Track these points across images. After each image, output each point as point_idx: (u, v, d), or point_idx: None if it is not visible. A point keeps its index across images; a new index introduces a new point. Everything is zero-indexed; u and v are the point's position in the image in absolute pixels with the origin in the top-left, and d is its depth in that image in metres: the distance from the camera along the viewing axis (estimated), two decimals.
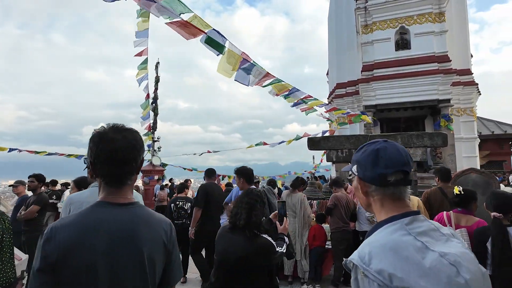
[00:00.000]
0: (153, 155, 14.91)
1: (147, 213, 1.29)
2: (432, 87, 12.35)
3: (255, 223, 2.37)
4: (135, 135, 1.28)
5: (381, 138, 1.29)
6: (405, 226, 1.09)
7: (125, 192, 1.27)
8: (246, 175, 4.43)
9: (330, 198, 5.52)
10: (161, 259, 1.26)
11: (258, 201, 2.47)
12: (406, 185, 1.18)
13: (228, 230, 2.45)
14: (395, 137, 8.77)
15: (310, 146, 9.48)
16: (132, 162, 1.25)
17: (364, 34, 13.53)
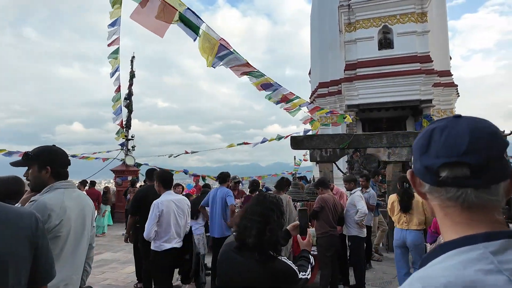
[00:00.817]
0: (126, 155, 14.03)
1: (4, 208, 1.17)
2: (414, 87, 12.29)
3: (270, 242, 1.74)
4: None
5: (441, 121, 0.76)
6: (490, 256, 0.60)
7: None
8: (161, 179, 3.78)
9: (316, 200, 5.07)
10: (24, 257, 1.15)
11: (275, 210, 1.81)
12: (478, 186, 0.67)
13: (234, 250, 1.82)
14: (380, 136, 8.49)
15: (293, 145, 9.05)
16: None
17: (347, 32, 13.33)
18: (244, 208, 1.92)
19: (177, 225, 3.70)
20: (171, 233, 3.61)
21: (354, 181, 5.40)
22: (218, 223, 5.18)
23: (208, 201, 5.38)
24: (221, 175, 5.51)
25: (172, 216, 3.63)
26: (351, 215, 5.18)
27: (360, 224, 5.12)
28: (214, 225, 5.23)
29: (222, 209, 5.22)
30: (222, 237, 5.19)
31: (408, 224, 4.43)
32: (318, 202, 5.01)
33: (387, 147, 8.27)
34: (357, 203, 5.08)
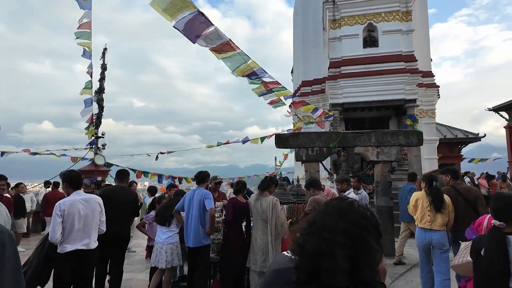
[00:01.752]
0: (96, 154, 12.95)
1: None
2: (399, 87, 12.08)
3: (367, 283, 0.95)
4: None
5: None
6: None
7: None
8: (68, 179, 3.65)
9: (309, 202, 4.49)
10: None
11: (369, 229, 1.03)
12: None
13: (292, 285, 1.00)
14: (369, 134, 8.07)
15: (278, 144, 8.47)
16: None
17: (332, 29, 12.97)
18: (310, 219, 1.13)
19: (86, 225, 3.54)
20: (73, 234, 3.44)
21: (347, 182, 4.88)
22: (194, 231, 4.48)
23: (183, 204, 4.68)
24: (200, 175, 4.82)
25: (77, 216, 3.48)
26: None
27: None
28: (189, 233, 4.52)
29: (199, 213, 4.54)
30: (199, 247, 4.50)
31: (431, 224, 4.28)
32: (311, 204, 4.44)
33: (376, 146, 7.88)
34: None
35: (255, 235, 4.48)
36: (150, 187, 9.15)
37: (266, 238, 4.39)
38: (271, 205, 4.41)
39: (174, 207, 4.70)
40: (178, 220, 4.79)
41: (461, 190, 4.50)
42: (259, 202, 4.49)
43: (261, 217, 4.45)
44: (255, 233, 4.49)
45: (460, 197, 4.41)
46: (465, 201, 4.37)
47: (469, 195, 4.43)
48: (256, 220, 4.49)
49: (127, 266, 6.43)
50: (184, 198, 4.73)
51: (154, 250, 4.76)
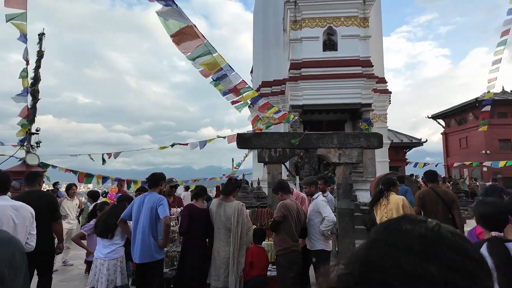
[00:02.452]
0: (28, 152, 11.27)
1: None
2: (355, 91, 12.32)
3: None
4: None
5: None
6: None
7: None
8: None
9: (278, 208, 4.05)
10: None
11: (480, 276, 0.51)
12: None
13: None
14: (332, 136, 7.93)
15: (240, 144, 7.97)
16: None
17: (293, 30, 12.86)
18: (360, 254, 0.59)
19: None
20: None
21: (315, 184, 4.54)
22: (143, 243, 3.79)
23: (130, 212, 3.95)
24: (153, 177, 4.13)
25: (6, 226, 2.90)
26: (316, 224, 4.28)
27: (327, 235, 4.26)
28: (137, 246, 3.81)
29: (151, 222, 3.86)
30: (150, 263, 3.82)
31: None
32: (280, 210, 4.00)
33: (338, 148, 7.76)
34: (322, 209, 4.20)
35: (217, 247, 3.92)
36: (90, 191, 8.02)
37: (228, 250, 3.85)
38: (237, 211, 3.89)
39: (118, 215, 3.96)
40: (123, 231, 4.04)
41: (440, 192, 4.64)
42: (222, 209, 3.94)
43: (224, 226, 3.90)
44: (217, 244, 3.93)
45: (439, 199, 4.54)
46: (443, 203, 4.52)
47: (446, 197, 4.58)
48: (219, 229, 3.94)
49: (61, 284, 5.44)
50: (132, 205, 4.01)
51: (93, 268, 3.96)
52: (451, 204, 4.52)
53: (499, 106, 24.07)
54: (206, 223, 4.08)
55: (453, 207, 4.50)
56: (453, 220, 4.44)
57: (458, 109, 27.08)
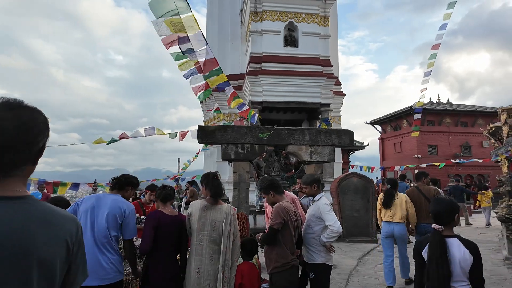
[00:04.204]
0: None
1: (43, 209, 0.98)
2: (315, 90, 12.05)
3: None
4: (34, 115, 0.97)
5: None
6: None
7: (12, 184, 0.95)
8: None
9: (275, 212, 3.14)
10: (61, 263, 0.99)
11: None
12: None
13: None
14: (303, 132, 7.28)
15: (201, 138, 6.85)
16: (23, 148, 0.93)
17: (253, 21, 12.12)
18: None
19: None
20: None
21: (317, 183, 3.75)
22: (93, 258, 2.59)
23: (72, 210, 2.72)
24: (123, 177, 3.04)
25: None
26: (316, 233, 3.48)
27: (329, 247, 3.49)
28: None
29: (106, 233, 2.68)
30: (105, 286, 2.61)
31: (393, 218, 5.10)
32: (279, 215, 3.10)
33: (310, 145, 7.17)
34: (326, 215, 3.42)
35: (196, 265, 2.86)
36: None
37: (217, 266, 2.84)
38: (229, 217, 2.89)
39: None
40: None
41: (423, 190, 5.30)
42: (209, 214, 2.90)
43: (209, 236, 2.87)
44: (196, 262, 2.87)
45: (422, 196, 5.20)
46: (425, 199, 5.12)
47: (429, 194, 5.20)
48: (200, 242, 2.89)
49: None
50: (76, 206, 2.80)
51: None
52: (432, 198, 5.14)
53: (428, 115, 26.53)
54: (179, 234, 3.01)
55: None
56: None
57: (393, 116, 29.22)
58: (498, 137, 7.97)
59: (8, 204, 0.91)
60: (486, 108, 29.17)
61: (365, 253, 8.02)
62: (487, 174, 26.45)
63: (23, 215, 0.92)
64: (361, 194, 10.20)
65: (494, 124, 7.78)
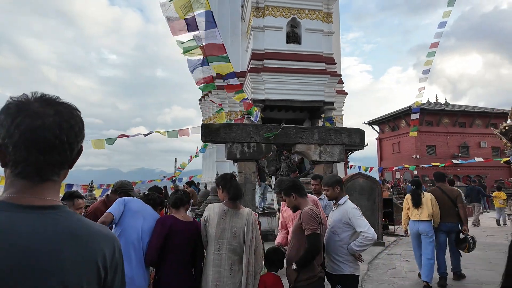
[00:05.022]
0: None
1: (76, 223, 0.85)
2: (319, 88, 11.74)
3: None
4: (74, 112, 0.88)
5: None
6: None
7: (45, 191, 0.83)
8: None
9: (306, 218, 2.77)
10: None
11: None
12: None
13: None
14: (312, 131, 6.96)
15: (205, 136, 6.48)
16: (64, 149, 0.83)
17: (255, 17, 11.76)
18: None
19: None
20: None
21: (340, 185, 3.40)
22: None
23: (121, 212, 2.57)
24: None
25: None
26: (343, 240, 3.13)
27: (358, 256, 3.15)
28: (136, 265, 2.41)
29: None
30: None
31: (420, 216, 5.21)
32: (312, 221, 2.75)
33: (319, 144, 6.84)
34: (357, 220, 3.07)
35: (214, 278, 2.50)
36: None
37: (238, 279, 2.48)
38: (251, 223, 2.54)
39: None
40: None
41: (445, 190, 5.39)
42: (229, 220, 2.54)
43: (229, 245, 2.51)
44: (215, 275, 2.51)
45: (445, 196, 5.30)
46: (448, 199, 5.26)
47: (451, 194, 5.31)
48: (219, 251, 2.52)
49: None
50: (127, 203, 2.71)
51: None
52: (455, 199, 5.24)
53: (427, 115, 26.43)
54: (195, 243, 2.64)
55: (457, 201, 5.21)
56: (459, 213, 5.20)
57: (392, 116, 29.10)
58: (510, 136, 7.73)
59: (35, 214, 0.79)
60: (483, 108, 29.23)
61: (373, 256, 7.71)
62: (485, 174, 26.44)
63: (50, 229, 0.80)
64: (367, 195, 9.90)
65: (507, 123, 7.53)
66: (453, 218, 5.14)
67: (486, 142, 27.72)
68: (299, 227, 2.86)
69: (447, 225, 5.18)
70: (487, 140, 27.72)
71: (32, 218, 0.78)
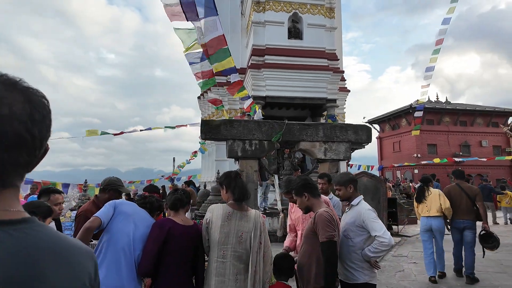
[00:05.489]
0: None
1: (53, 239, 0.68)
2: (321, 85, 11.45)
3: None
4: (44, 101, 0.70)
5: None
6: None
7: (9, 200, 0.66)
8: None
9: (322, 223, 2.48)
10: None
11: None
12: None
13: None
14: (317, 127, 6.66)
15: (205, 133, 6.18)
16: (35, 146, 0.67)
17: (255, 12, 11.46)
18: None
19: None
20: None
21: (354, 184, 3.12)
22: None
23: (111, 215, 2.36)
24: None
25: None
26: (356, 245, 2.84)
27: (374, 263, 2.86)
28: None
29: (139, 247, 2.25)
30: None
31: (429, 212, 5.32)
32: (330, 224, 2.46)
33: (324, 142, 6.56)
34: (372, 223, 2.78)
35: (217, 287, 2.22)
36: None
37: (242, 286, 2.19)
38: (259, 227, 2.25)
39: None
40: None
41: (464, 187, 5.37)
42: (234, 223, 2.25)
43: (234, 252, 2.22)
44: (217, 284, 2.22)
45: (463, 193, 5.28)
46: (467, 197, 5.24)
47: (470, 192, 5.28)
48: (223, 259, 2.23)
49: None
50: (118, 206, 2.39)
51: None
52: (474, 197, 5.23)
53: (428, 114, 26.20)
54: (196, 249, 2.35)
55: (476, 199, 5.22)
56: (477, 211, 5.18)
57: (392, 115, 28.87)
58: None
59: (6, 231, 0.62)
60: (485, 107, 29.02)
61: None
62: (486, 173, 26.24)
63: (28, 247, 0.63)
64: (371, 195, 9.64)
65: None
66: (469, 215, 5.17)
67: (487, 141, 27.54)
68: (312, 230, 2.57)
69: (462, 222, 5.22)
70: (488, 139, 27.55)
71: (2, 237, 0.61)
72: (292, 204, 3.37)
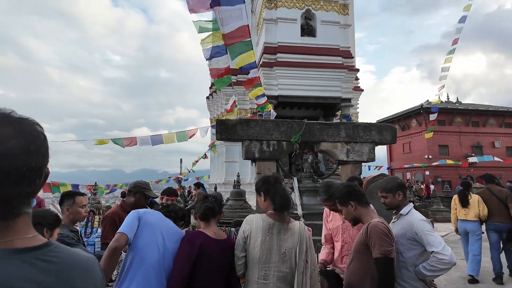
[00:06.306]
0: None
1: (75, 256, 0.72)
2: (335, 83, 11.07)
3: None
4: (37, 129, 0.72)
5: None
6: None
7: (24, 227, 0.69)
8: None
9: (377, 236, 2.10)
10: None
11: None
12: None
13: None
14: (338, 127, 6.25)
15: (221, 133, 5.79)
16: (34, 177, 0.69)
17: (267, 8, 11.11)
18: None
19: None
20: None
21: (403, 190, 2.74)
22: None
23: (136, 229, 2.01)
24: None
25: None
26: (408, 261, 2.46)
27: (429, 283, 2.47)
28: None
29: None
30: None
31: (467, 216, 5.46)
32: (386, 238, 2.10)
33: (346, 142, 6.19)
34: (428, 236, 2.37)
35: None
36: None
37: None
38: (305, 242, 1.90)
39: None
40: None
41: (494, 191, 5.50)
42: (276, 238, 1.90)
43: (277, 272, 1.86)
44: None
45: (494, 197, 5.42)
46: (498, 200, 5.38)
47: (500, 195, 5.42)
48: (265, 280, 1.87)
49: None
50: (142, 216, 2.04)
51: None
52: (505, 200, 5.35)
53: (439, 114, 25.60)
54: (230, 267, 2.00)
55: (508, 201, 5.31)
56: (509, 213, 5.26)
57: (403, 115, 28.31)
58: None
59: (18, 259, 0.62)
60: (498, 107, 28.35)
61: None
62: (499, 175, 25.57)
63: (63, 267, 0.67)
64: None
65: None
66: (504, 218, 5.27)
67: (500, 142, 26.85)
68: (364, 244, 2.20)
69: (498, 225, 5.34)
70: (501, 140, 26.87)
71: (23, 266, 0.61)
72: (330, 212, 3.00)
